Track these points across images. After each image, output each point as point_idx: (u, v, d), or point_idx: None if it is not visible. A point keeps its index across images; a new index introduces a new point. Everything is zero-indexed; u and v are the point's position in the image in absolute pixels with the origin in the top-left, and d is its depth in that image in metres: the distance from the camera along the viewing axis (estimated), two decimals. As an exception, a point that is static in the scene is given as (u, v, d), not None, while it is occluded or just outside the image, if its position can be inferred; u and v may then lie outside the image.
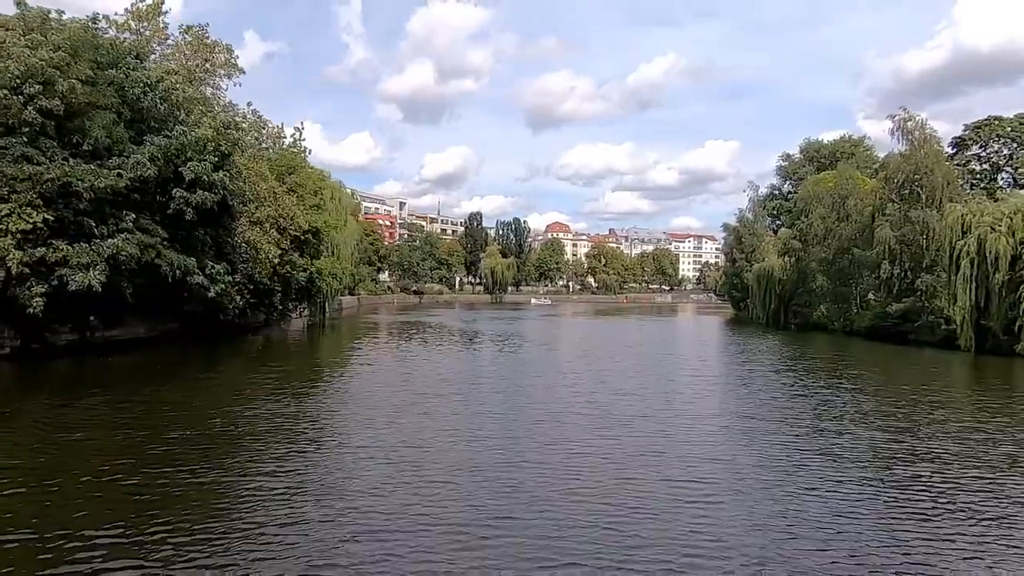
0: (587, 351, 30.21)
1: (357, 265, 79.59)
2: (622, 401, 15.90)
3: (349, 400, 15.53)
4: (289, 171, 32.03)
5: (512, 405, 15.22)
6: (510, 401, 15.80)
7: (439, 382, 18.65)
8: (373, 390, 17.17)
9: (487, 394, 16.66)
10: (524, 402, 15.62)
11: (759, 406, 15.55)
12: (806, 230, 46.65)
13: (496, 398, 16.06)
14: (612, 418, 13.74)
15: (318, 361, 24.24)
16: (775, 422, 13.62)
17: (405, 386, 17.89)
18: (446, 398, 15.88)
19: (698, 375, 21.84)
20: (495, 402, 15.48)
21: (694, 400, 16.51)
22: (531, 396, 16.58)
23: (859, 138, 76.56)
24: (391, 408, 14.50)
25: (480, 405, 15.01)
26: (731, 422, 13.70)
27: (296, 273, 30.85)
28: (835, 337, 39.51)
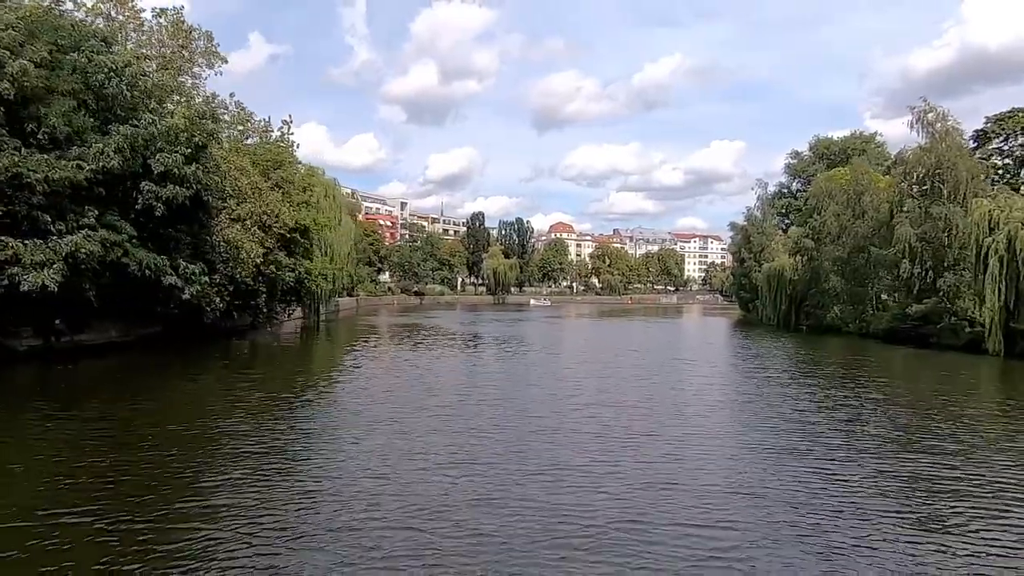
0: (589, 356, 28.43)
1: (356, 266, 78.30)
2: (626, 415, 14.14)
3: (318, 416, 13.81)
4: (275, 166, 30.37)
5: (500, 420, 13.47)
6: (499, 415, 14.06)
7: (424, 393, 16.92)
8: (349, 404, 15.45)
9: (474, 407, 14.91)
10: (515, 416, 13.86)
11: (782, 422, 13.74)
12: (819, 228, 44.72)
13: (484, 412, 14.31)
14: (614, 437, 11.98)
15: (297, 369, 22.51)
16: (802, 443, 11.82)
17: (386, 398, 16.17)
18: (427, 412, 14.14)
19: (709, 383, 20.04)
20: (482, 417, 13.73)
21: (706, 414, 14.73)
22: (524, 409, 14.83)
23: (870, 134, 74.61)
24: (364, 425, 12.78)
25: (464, 421, 13.26)
26: (751, 442, 11.91)
27: (282, 274, 29.19)
28: (850, 340, 37.58)
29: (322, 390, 17.07)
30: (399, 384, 18.68)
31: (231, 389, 16.99)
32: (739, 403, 16.21)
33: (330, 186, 47.21)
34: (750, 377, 21.56)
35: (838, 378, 21.66)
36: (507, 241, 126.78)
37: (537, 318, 60.96)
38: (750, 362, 26.63)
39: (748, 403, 16.17)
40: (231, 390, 16.80)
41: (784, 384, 19.58)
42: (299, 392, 16.69)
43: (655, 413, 14.49)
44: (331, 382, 18.83)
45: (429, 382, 18.92)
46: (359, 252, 79.82)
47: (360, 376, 20.46)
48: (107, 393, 16.00)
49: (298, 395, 16.10)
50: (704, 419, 14.03)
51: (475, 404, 15.26)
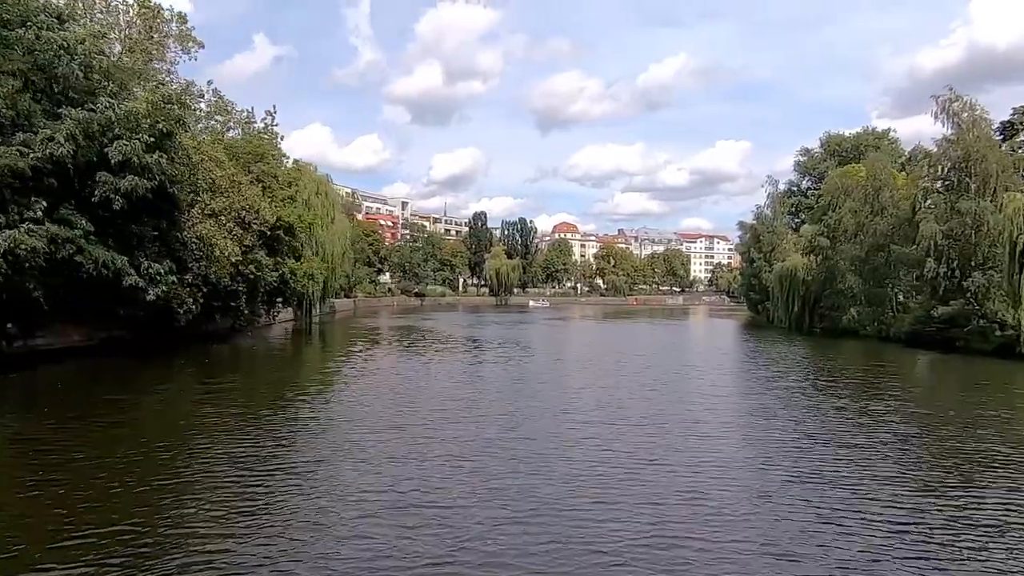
0: (591, 362, 26.39)
1: (354, 266, 76.52)
2: (628, 436, 12.12)
3: (276, 438, 11.84)
4: (256, 158, 28.48)
5: (482, 443, 11.49)
6: (482, 436, 12.08)
7: (403, 409, 14.94)
8: (315, 422, 13.48)
9: (454, 426, 12.93)
10: (500, 438, 11.87)
11: (813, 445, 11.69)
12: (834, 226, 42.52)
13: (464, 433, 12.33)
14: (614, 467, 9.97)
15: (268, 379, 20.40)
16: (843, 471, 9.79)
17: (361, 414, 14.20)
18: (402, 433, 12.17)
19: (722, 395, 17.98)
20: (461, 439, 11.76)
21: (722, 435, 12.68)
22: (512, 428, 12.83)
23: (883, 131, 72.35)
24: (327, 449, 10.84)
25: (439, 444, 11.28)
26: (780, 475, 9.87)
27: (263, 274, 27.28)
28: (869, 344, 35.38)
29: (291, 406, 15.11)
30: (376, 396, 16.71)
31: (190, 404, 15.08)
32: (759, 421, 14.15)
33: (322, 182, 45.43)
34: (768, 387, 19.47)
35: (867, 388, 19.54)
36: (510, 241, 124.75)
37: (538, 320, 58.93)
38: (765, 369, 24.53)
39: (770, 421, 14.11)
40: (190, 405, 14.88)
41: (808, 395, 17.50)
42: (266, 407, 14.73)
43: (662, 434, 12.45)
44: (302, 397, 16.86)
45: (411, 395, 16.94)
46: (356, 252, 78.10)
47: (337, 387, 18.50)
48: (44, 407, 14.12)
49: (264, 411, 14.13)
50: (720, 442, 11.98)
51: (459, 422, 13.28)
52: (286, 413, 13.86)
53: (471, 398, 16.33)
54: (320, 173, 46.08)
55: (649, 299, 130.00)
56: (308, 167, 45.40)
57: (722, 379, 21.45)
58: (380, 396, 16.64)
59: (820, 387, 19.26)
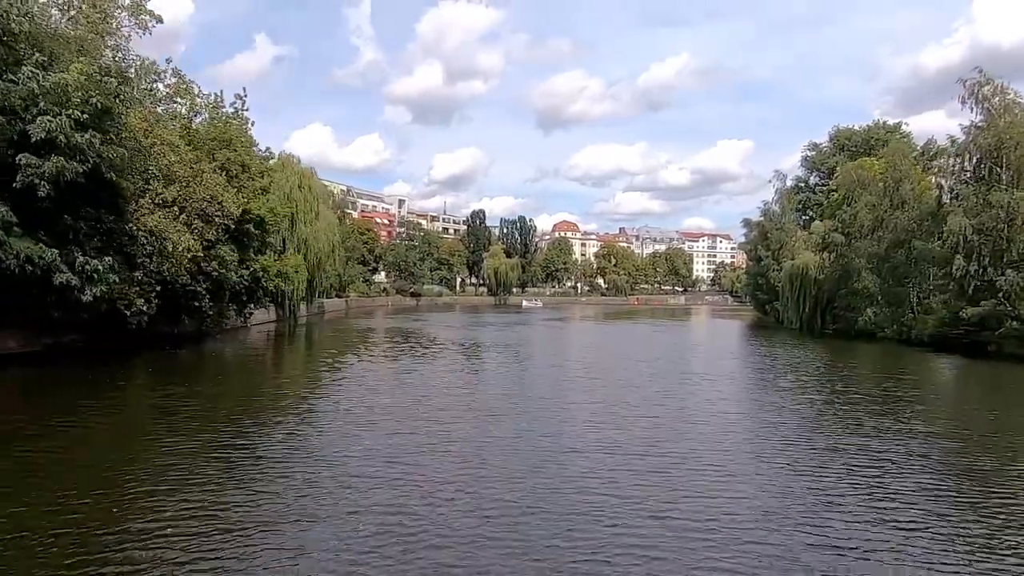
0: (587, 370, 23.83)
1: (346, 264, 74.03)
2: (629, 473, 9.60)
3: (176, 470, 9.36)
4: (222, 144, 25.97)
5: (444, 479, 8.99)
6: (447, 469, 9.59)
7: (368, 430, 12.45)
8: (253, 455, 10.99)
9: (415, 453, 10.44)
10: (469, 475, 9.37)
11: (865, 484, 9.16)
12: (849, 221, 39.96)
13: (440, 464, 9.85)
14: (610, 522, 7.46)
15: (213, 393, 17.71)
16: (905, 529, 7.26)
17: (313, 443, 11.72)
18: (354, 466, 9.68)
19: (736, 411, 15.43)
20: (438, 471, 9.29)
21: (743, 472, 10.08)
22: (487, 461, 10.32)
23: (895, 124, 69.53)
24: (262, 480, 8.35)
25: (408, 484, 8.78)
26: (825, 532, 7.35)
27: (228, 272, 24.78)
28: (888, 347, 32.83)
29: (215, 439, 12.62)
30: (341, 413, 14.20)
31: (103, 429, 12.59)
32: (786, 447, 11.60)
33: (305, 175, 42.98)
34: (788, 400, 16.92)
35: (904, 401, 16.98)
36: (509, 240, 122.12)
37: (536, 322, 56.38)
38: (782, 378, 21.97)
39: (799, 446, 11.58)
40: (102, 431, 12.39)
41: (838, 412, 14.93)
42: (204, 429, 12.24)
43: (669, 470, 9.92)
44: (248, 418, 14.36)
45: (380, 413, 14.42)
46: (348, 250, 75.70)
47: (295, 404, 15.97)
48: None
49: (180, 444, 11.62)
50: (740, 481, 9.43)
51: (432, 447, 10.79)
52: (216, 446, 11.34)
53: (453, 417, 13.81)
54: (304, 166, 43.68)
55: (651, 299, 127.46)
56: (291, 159, 42.98)
57: (734, 392, 18.87)
58: (349, 412, 14.12)
59: (848, 400, 16.68)
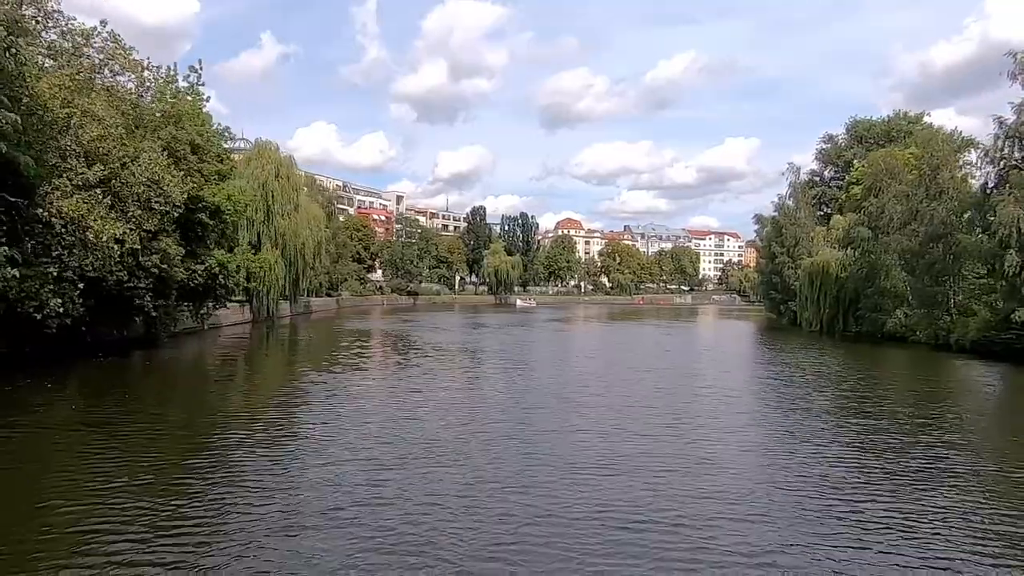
0: (586, 382, 20.42)
1: (336, 261, 70.84)
2: (633, 528, 6.24)
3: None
4: (171, 121, 22.64)
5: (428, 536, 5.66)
6: (428, 528, 6.27)
7: (313, 472, 9.13)
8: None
9: (388, 499, 7.11)
10: (446, 527, 6.05)
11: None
12: (876, 214, 36.39)
13: (402, 525, 6.51)
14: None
15: (101, 419, 14.44)
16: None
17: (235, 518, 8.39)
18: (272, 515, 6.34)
19: (766, 442, 12.03)
20: (401, 521, 5.97)
21: (789, 562, 6.74)
22: (458, 507, 6.99)
23: (916, 115, 66.03)
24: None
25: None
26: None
27: (173, 268, 21.46)
28: (923, 353, 29.36)
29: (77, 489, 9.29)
30: (284, 445, 10.88)
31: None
32: (837, 500, 8.20)
33: (283, 164, 39.65)
34: (827, 423, 13.48)
35: (981, 431, 13.54)
36: (510, 237, 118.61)
37: (535, 323, 52.95)
38: (817, 394, 18.50)
39: (851, 500, 8.18)
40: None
41: (905, 448, 11.50)
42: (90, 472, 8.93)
43: (674, 524, 6.54)
44: (152, 449, 11.03)
45: (335, 447, 11.06)
46: (339, 246, 72.55)
47: (222, 438, 12.66)
48: None
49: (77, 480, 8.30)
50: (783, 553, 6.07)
51: (391, 489, 7.46)
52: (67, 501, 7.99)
53: (425, 442, 10.46)
54: (283, 154, 40.31)
55: (656, 298, 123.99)
56: (268, 146, 39.67)
57: (762, 415, 15.41)
58: (293, 445, 10.78)
59: (908, 427, 13.23)
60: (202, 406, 14.92)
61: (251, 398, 16.60)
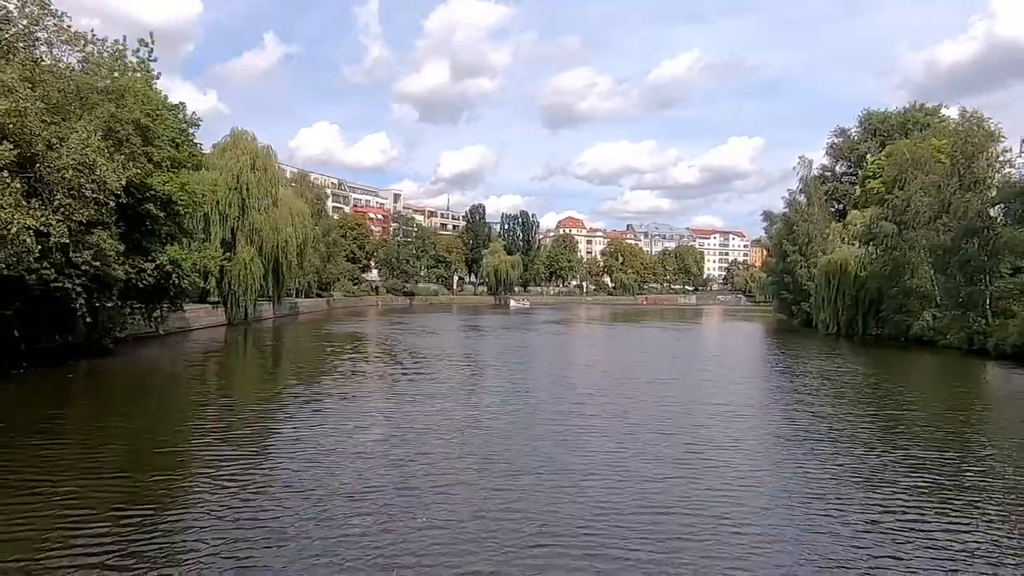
0: (582, 402, 17.62)
1: (327, 260, 68.17)
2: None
3: None
4: (111, 98, 19.93)
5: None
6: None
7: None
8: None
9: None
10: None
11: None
12: (902, 207, 33.48)
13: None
14: None
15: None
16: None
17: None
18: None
19: (794, 488, 9.27)
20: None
21: None
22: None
23: (934, 107, 62.98)
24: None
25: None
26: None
27: (109, 266, 18.74)
28: (956, 359, 26.58)
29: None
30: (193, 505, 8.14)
31: None
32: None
33: (260, 155, 36.91)
34: (880, 460, 10.69)
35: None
36: (510, 236, 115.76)
37: (534, 326, 50.18)
38: (855, 411, 15.70)
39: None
40: None
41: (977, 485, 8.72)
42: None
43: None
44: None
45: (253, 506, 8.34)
46: (331, 245, 69.93)
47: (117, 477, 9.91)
48: None
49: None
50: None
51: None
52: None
53: (368, 487, 7.73)
54: (260, 144, 37.56)
55: (660, 299, 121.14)
56: (244, 135, 36.93)
57: (795, 440, 12.61)
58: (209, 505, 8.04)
59: (980, 455, 10.42)
60: (106, 438, 12.10)
61: (175, 426, 13.81)
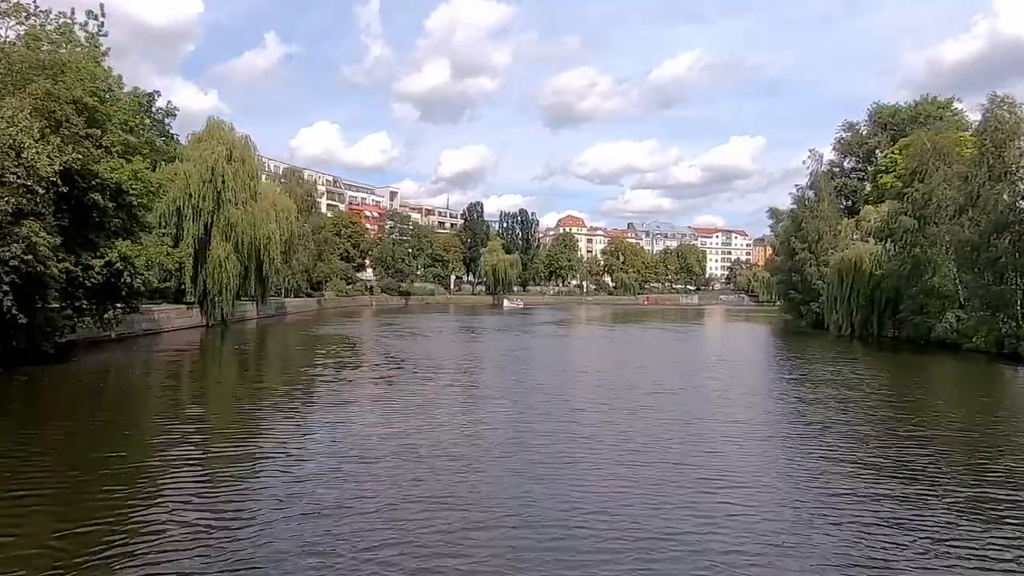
0: (576, 419, 15.40)
1: (317, 259, 66.03)
2: None
3: None
4: (48, 74, 17.75)
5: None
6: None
7: None
8: None
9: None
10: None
11: None
12: (923, 201, 31.22)
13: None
14: None
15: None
16: None
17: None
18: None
19: (837, 548, 7.04)
20: None
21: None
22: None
23: (946, 99, 60.76)
24: None
25: None
26: None
27: (39, 262, 16.55)
28: (984, 365, 24.34)
29: None
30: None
31: None
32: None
33: (237, 146, 34.68)
34: (938, 498, 8.47)
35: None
36: (509, 235, 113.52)
37: (526, 328, 47.93)
38: (894, 426, 13.47)
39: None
40: None
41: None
42: None
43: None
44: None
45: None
46: (321, 243, 67.81)
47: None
48: None
49: None
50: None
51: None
52: None
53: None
54: (238, 133, 35.33)
55: (662, 298, 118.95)
56: (220, 125, 34.71)
57: (827, 473, 10.39)
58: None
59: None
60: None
61: (82, 452, 11.55)
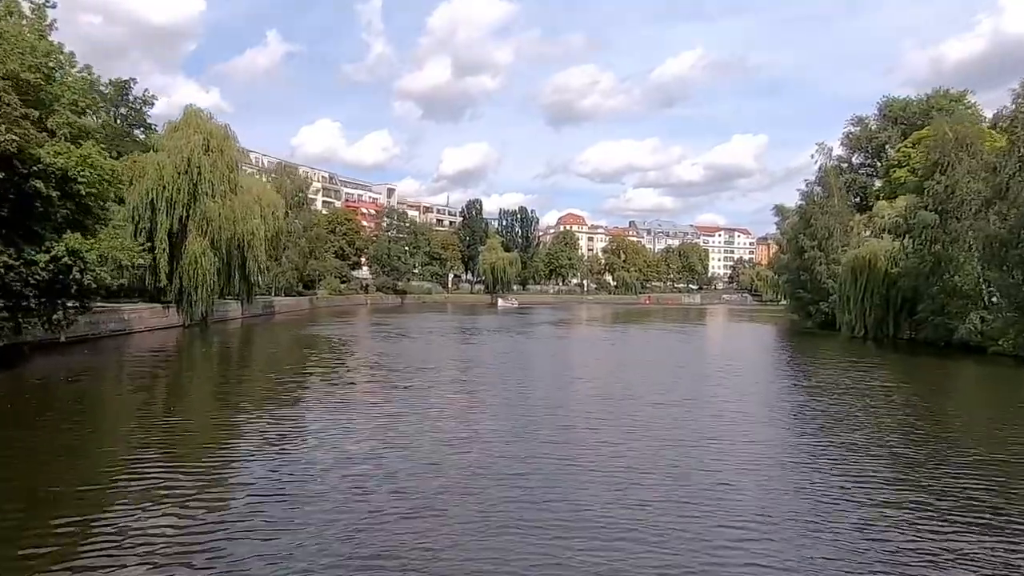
0: (570, 441, 13.54)
1: (309, 256, 64.15)
2: None
3: None
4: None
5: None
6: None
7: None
8: None
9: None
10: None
11: None
12: (944, 195, 29.29)
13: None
14: None
15: None
16: None
17: None
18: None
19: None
20: None
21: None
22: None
23: (958, 92, 58.92)
24: None
25: None
26: None
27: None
28: (1013, 369, 22.48)
29: None
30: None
31: None
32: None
33: (215, 135, 32.76)
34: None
35: None
36: (508, 233, 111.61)
37: (522, 329, 46.04)
38: (933, 446, 11.57)
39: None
40: None
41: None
42: None
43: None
44: None
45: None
46: (313, 240, 65.93)
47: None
48: None
49: None
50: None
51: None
52: None
53: None
54: (217, 123, 33.39)
55: (664, 297, 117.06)
56: (198, 114, 32.86)
57: (863, 495, 8.51)
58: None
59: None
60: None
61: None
